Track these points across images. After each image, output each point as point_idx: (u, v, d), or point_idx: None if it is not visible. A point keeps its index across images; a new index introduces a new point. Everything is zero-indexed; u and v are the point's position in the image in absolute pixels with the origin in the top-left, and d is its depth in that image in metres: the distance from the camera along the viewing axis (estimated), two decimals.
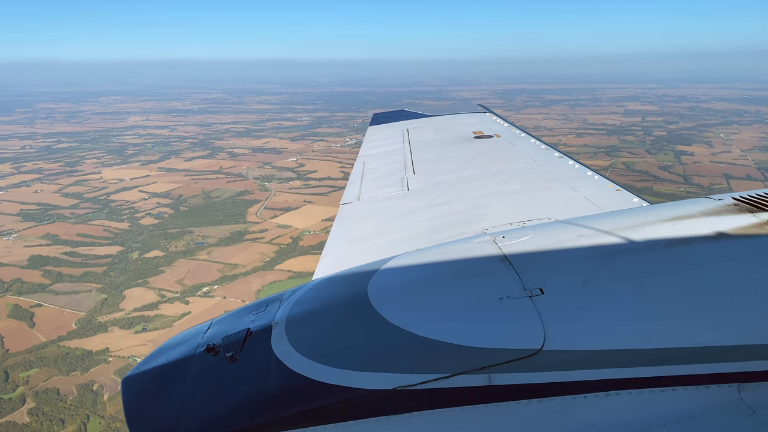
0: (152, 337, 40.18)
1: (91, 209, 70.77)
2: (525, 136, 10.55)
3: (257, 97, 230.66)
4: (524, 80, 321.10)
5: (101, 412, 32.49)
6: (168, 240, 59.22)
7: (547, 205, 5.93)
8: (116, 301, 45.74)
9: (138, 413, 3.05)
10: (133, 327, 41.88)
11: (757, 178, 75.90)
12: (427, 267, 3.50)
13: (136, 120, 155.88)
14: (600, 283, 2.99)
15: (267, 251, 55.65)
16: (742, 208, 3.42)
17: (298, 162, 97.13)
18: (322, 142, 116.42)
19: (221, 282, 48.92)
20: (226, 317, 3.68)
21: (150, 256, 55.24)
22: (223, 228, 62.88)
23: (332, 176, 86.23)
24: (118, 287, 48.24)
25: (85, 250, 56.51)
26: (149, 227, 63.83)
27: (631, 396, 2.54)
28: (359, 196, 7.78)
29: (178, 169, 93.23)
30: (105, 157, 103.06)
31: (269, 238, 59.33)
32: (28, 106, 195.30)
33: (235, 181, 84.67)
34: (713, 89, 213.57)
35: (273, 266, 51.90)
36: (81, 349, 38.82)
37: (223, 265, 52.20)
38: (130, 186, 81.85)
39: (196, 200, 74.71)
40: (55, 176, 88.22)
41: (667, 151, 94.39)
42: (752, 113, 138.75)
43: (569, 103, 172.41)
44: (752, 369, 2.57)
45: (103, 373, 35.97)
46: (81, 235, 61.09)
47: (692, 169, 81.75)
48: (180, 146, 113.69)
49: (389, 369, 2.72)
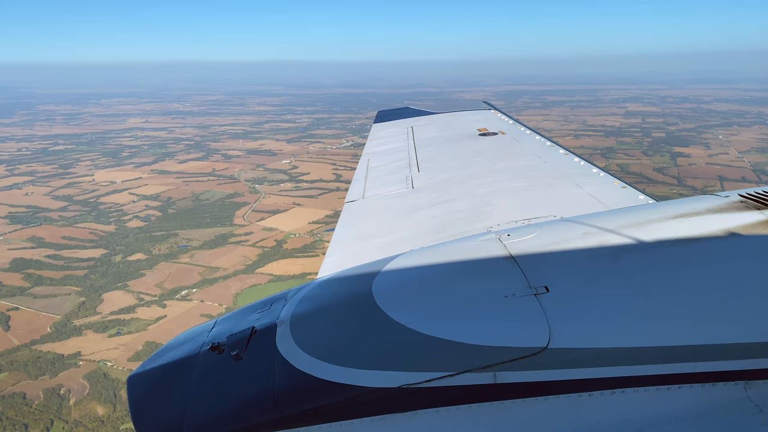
0: (125, 341, 39.98)
1: (79, 212, 70.78)
2: (530, 133, 10.48)
3: (259, 98, 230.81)
4: (528, 81, 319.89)
5: (66, 416, 32.23)
6: (152, 243, 59.05)
7: (552, 203, 5.90)
8: (94, 305, 45.55)
9: (143, 411, 3.07)
10: (107, 330, 41.64)
11: (752, 180, 74.88)
12: (432, 265, 3.49)
13: (135, 122, 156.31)
14: (605, 281, 2.97)
15: (250, 254, 55.35)
16: (749, 205, 3.36)
17: (292, 164, 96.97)
18: (319, 144, 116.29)
19: (200, 285, 48.64)
20: (230, 316, 3.71)
21: (133, 259, 55.06)
22: (209, 231, 62.65)
23: (324, 178, 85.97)
24: (97, 290, 48.07)
25: (68, 253, 56.45)
26: (135, 230, 63.74)
27: (637, 394, 2.52)
28: (364, 194, 7.76)
29: (170, 171, 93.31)
30: (99, 160, 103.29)
31: (253, 241, 59.02)
32: (30, 108, 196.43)
33: (226, 183, 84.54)
34: (717, 90, 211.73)
35: (254, 270, 51.57)
36: (53, 353, 38.60)
37: (204, 269, 51.93)
38: (121, 188, 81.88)
39: (185, 203, 74.62)
40: (48, 178, 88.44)
41: (664, 153, 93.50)
42: (754, 114, 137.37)
43: (570, 105, 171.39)
44: (759, 367, 2.55)
45: (71, 378, 35.70)
46: (66, 237, 61.06)
47: (687, 171, 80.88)
48: (175, 148, 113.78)
49: (394, 367, 2.72)
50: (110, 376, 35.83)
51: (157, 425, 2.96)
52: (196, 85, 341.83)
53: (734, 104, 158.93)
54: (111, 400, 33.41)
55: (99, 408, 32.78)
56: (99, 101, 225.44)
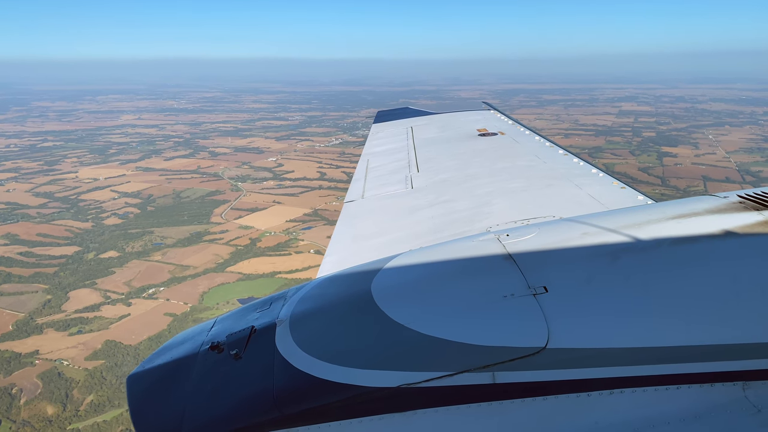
0: (85, 339, 39.78)
1: (58, 209, 70.67)
2: (529, 133, 10.51)
3: (254, 96, 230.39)
4: (526, 80, 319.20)
5: (15, 416, 32.02)
6: (127, 240, 58.86)
7: (551, 203, 5.93)
8: (59, 303, 45.37)
9: (143, 411, 3.07)
10: (69, 329, 41.46)
11: (736, 180, 74.46)
12: (431, 265, 3.50)
13: (128, 119, 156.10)
14: (604, 282, 2.96)
15: (223, 252, 55.11)
16: (748, 205, 3.36)
17: (278, 162, 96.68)
18: (307, 142, 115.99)
19: (169, 284, 48.42)
20: (230, 315, 3.69)
21: (105, 256, 54.89)
22: (185, 228, 62.42)
23: (308, 176, 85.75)
24: (64, 288, 47.88)
25: (41, 251, 56.26)
26: (111, 227, 63.54)
27: (635, 394, 2.52)
28: (363, 194, 7.79)
29: (155, 168, 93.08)
30: (86, 157, 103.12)
31: (228, 239, 58.80)
32: (25, 104, 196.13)
33: (209, 180, 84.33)
34: (714, 90, 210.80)
35: (224, 268, 51.33)
36: (10, 351, 38.41)
37: (175, 267, 51.70)
38: (103, 185, 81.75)
39: (165, 200, 74.42)
40: (32, 175, 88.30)
41: (651, 153, 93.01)
42: (747, 114, 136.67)
43: (565, 104, 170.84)
44: (757, 367, 2.54)
45: (25, 377, 35.51)
46: (41, 235, 60.88)
47: (672, 171, 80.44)
48: (164, 145, 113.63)
49: (393, 367, 2.71)
50: (65, 375, 35.65)
51: (157, 425, 2.96)
52: (193, 82, 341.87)
53: (729, 104, 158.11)
54: (62, 400, 33.22)
55: (49, 408, 32.59)
56: (95, 98, 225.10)
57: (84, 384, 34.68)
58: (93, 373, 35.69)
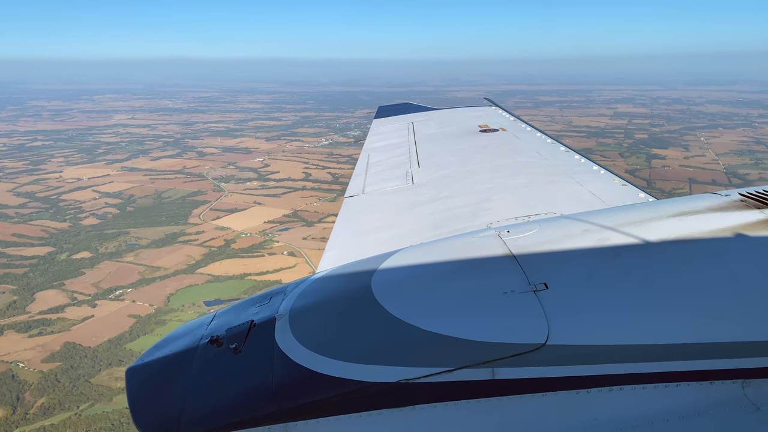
0: (45, 341, 39.25)
1: (37, 209, 70.26)
2: (531, 129, 10.49)
3: (251, 96, 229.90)
4: (525, 81, 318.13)
5: None
6: (101, 241, 58.38)
7: (552, 200, 5.90)
8: (24, 304, 44.88)
9: (142, 404, 3.06)
10: (30, 330, 40.93)
11: (722, 182, 73.73)
12: (432, 261, 3.47)
13: (121, 118, 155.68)
14: (605, 279, 2.95)
15: (195, 254, 54.58)
16: (749, 204, 3.34)
17: (264, 162, 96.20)
18: (297, 142, 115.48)
19: (137, 285, 47.88)
20: (229, 309, 3.67)
21: (78, 257, 54.41)
22: (161, 229, 61.92)
23: (293, 177, 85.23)
24: (32, 289, 47.37)
25: (14, 251, 55.82)
26: (88, 228, 63.10)
27: (634, 391, 2.53)
28: (364, 189, 7.80)
29: (140, 168, 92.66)
30: (73, 156, 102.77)
31: (202, 240, 58.27)
32: (21, 103, 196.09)
33: (193, 181, 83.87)
34: (712, 92, 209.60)
35: (195, 270, 50.76)
36: None
37: (146, 268, 51.18)
38: (86, 185, 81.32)
39: (146, 200, 73.97)
40: (15, 175, 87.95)
41: (640, 155, 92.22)
42: (742, 116, 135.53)
43: (561, 105, 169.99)
44: (757, 365, 2.55)
45: None
46: (16, 235, 60.47)
47: (659, 173, 79.69)
48: (153, 145, 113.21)
49: (393, 362, 2.70)
50: (18, 377, 35.11)
51: (156, 418, 2.94)
52: (191, 82, 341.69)
53: (725, 106, 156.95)
54: (12, 403, 32.69)
55: None
56: (91, 97, 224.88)
57: (37, 387, 34.11)
58: (47, 375, 35.13)
